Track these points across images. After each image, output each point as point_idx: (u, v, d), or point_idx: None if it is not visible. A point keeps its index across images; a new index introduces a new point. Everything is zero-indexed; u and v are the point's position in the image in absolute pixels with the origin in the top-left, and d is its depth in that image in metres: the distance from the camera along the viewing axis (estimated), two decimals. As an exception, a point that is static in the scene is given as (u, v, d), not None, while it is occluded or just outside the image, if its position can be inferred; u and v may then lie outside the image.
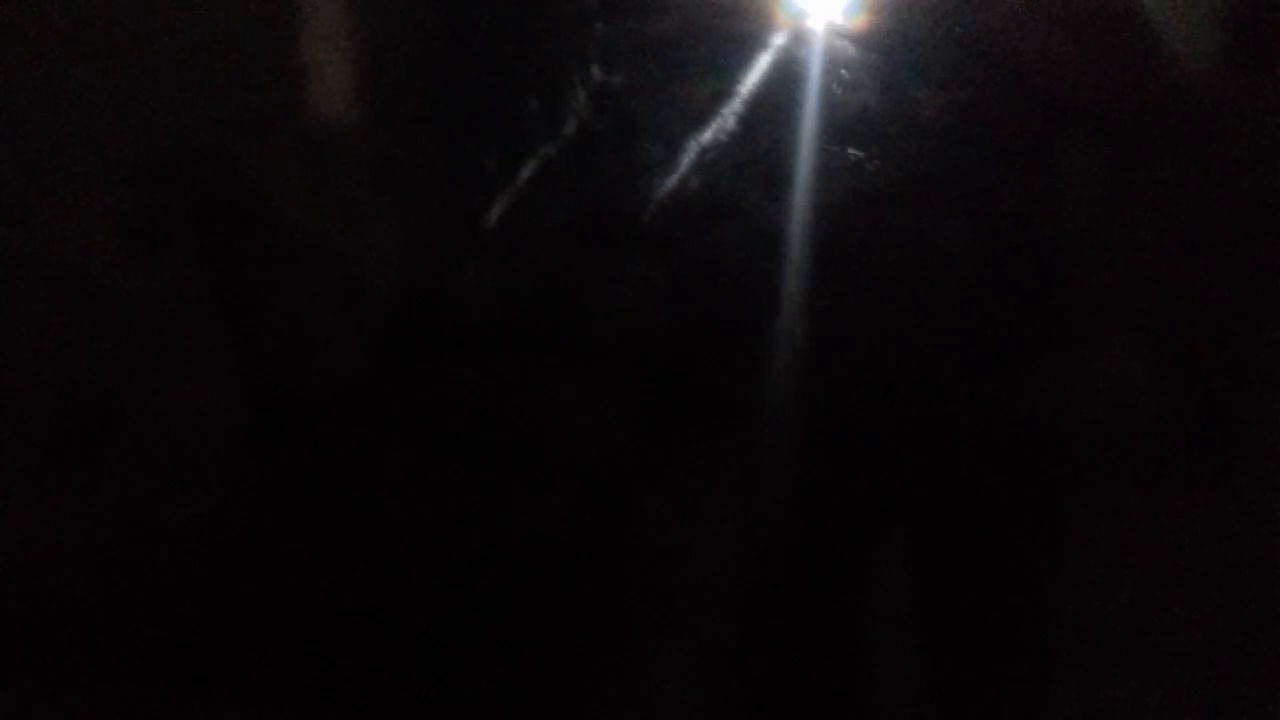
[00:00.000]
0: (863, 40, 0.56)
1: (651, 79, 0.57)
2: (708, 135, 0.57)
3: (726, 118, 0.57)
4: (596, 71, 0.57)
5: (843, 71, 0.56)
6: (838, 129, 0.57)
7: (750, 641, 0.66)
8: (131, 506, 0.63)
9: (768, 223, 0.58)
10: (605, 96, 0.57)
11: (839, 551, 0.66)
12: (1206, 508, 0.65)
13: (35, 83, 0.56)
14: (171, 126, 0.58)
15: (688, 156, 0.57)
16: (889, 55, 0.57)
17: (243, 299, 0.61)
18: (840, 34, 0.56)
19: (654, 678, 0.65)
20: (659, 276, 0.59)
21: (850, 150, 0.57)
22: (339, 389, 0.61)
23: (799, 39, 0.56)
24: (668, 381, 0.61)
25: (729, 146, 0.57)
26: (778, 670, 0.67)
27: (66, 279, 0.59)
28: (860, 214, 0.58)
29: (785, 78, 0.56)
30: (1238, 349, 0.64)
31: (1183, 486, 0.65)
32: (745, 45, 0.56)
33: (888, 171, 0.58)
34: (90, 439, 0.61)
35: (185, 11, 0.57)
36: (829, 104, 0.57)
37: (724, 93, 0.56)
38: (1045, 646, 0.68)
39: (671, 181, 0.57)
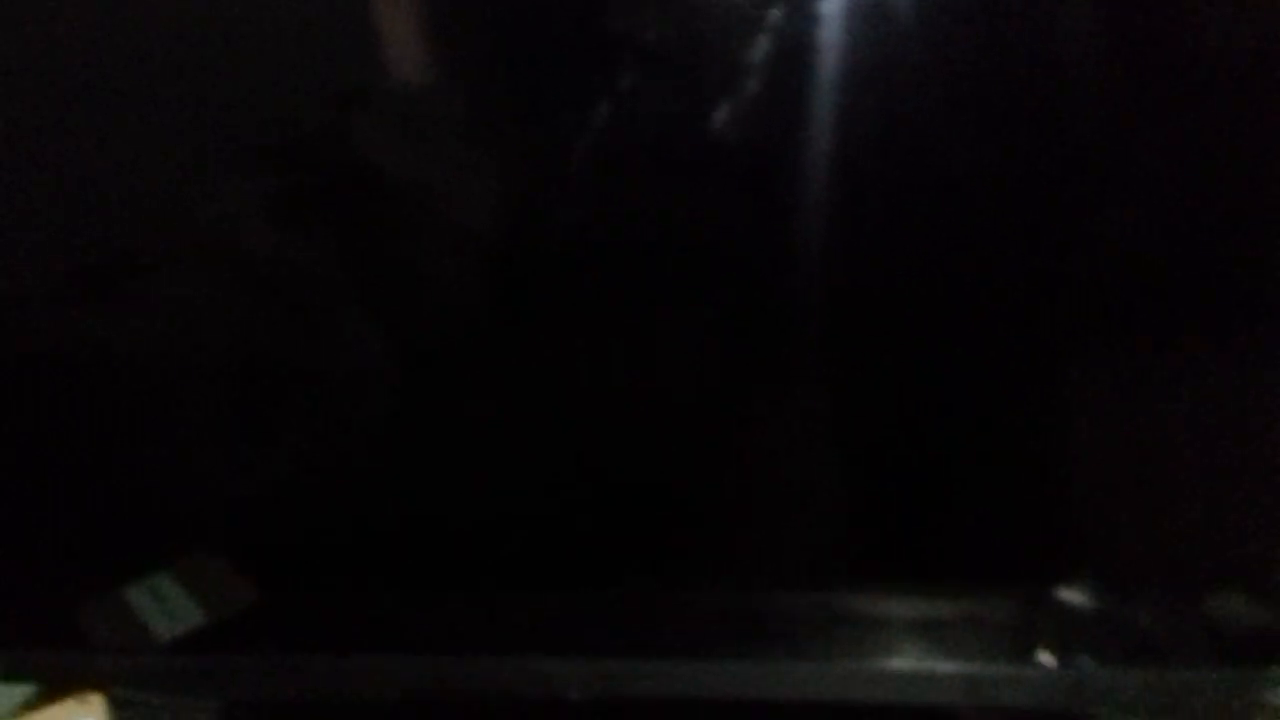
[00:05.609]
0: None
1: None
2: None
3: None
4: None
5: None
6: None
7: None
8: (301, 444, 0.74)
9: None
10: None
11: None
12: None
13: (180, 96, 0.64)
14: (290, 112, 0.66)
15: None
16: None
17: (371, 257, 0.69)
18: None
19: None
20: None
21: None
22: (464, 327, 0.71)
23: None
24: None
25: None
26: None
27: (231, 258, 0.68)
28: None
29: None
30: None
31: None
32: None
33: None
34: (262, 391, 0.71)
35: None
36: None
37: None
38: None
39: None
